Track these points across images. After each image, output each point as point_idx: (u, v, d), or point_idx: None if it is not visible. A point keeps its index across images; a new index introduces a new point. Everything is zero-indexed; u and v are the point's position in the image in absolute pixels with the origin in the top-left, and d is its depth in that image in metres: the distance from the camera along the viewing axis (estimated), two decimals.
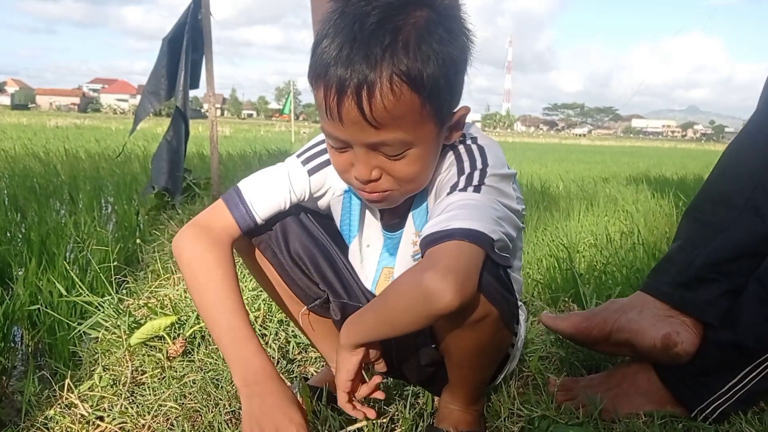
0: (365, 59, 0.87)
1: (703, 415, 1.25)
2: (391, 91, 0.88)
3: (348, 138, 0.95)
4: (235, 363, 1.03)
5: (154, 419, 1.29)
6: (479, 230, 0.90)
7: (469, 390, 1.16)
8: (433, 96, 0.91)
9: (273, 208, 1.13)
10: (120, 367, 1.54)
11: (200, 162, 6.75)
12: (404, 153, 0.95)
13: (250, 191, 1.12)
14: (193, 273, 1.08)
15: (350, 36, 0.88)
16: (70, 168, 5.65)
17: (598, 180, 6.94)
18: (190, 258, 1.09)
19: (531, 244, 2.88)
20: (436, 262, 0.88)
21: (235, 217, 1.11)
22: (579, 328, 1.35)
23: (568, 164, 11.76)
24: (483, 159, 1.01)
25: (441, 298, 0.85)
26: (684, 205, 4.04)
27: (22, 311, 2.05)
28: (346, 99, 0.89)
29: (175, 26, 4.08)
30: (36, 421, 1.31)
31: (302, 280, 1.19)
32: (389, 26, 0.88)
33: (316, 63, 0.92)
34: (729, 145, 1.37)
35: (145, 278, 2.36)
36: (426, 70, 0.89)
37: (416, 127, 0.93)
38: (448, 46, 0.91)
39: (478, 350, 1.03)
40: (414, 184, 1.03)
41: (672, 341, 1.23)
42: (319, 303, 1.22)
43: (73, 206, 3.76)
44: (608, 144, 46.88)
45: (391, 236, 1.16)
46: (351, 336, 1.01)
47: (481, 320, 0.96)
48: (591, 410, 1.28)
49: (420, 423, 1.22)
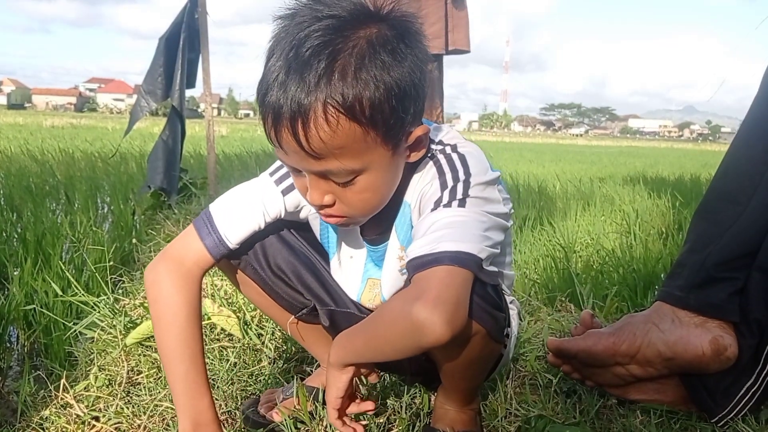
0: (299, 87, 0.84)
1: (724, 420, 1.22)
2: (326, 122, 0.84)
3: (294, 165, 0.93)
4: (184, 413, 1.03)
5: (150, 419, 1.29)
6: (467, 252, 0.88)
7: (463, 394, 1.16)
8: (376, 122, 0.87)
9: (246, 232, 1.10)
10: (116, 367, 1.53)
11: (197, 162, 6.74)
12: (354, 180, 0.92)
13: (221, 217, 1.08)
14: (158, 312, 1.07)
15: (287, 60, 0.85)
16: (66, 168, 5.64)
17: (594, 180, 6.95)
18: (156, 296, 1.07)
19: (528, 244, 2.89)
20: (425, 291, 0.86)
21: (207, 246, 1.08)
22: (606, 344, 1.27)
23: (565, 164, 11.77)
24: (465, 168, 0.97)
25: (431, 331, 0.84)
26: (681, 205, 4.05)
27: (18, 311, 2.05)
28: (283, 129, 0.86)
29: (172, 25, 4.07)
30: (31, 421, 1.30)
31: (286, 292, 1.18)
32: (326, 51, 0.84)
33: (260, 82, 0.89)
34: (732, 143, 1.35)
35: (141, 278, 2.35)
36: (365, 96, 0.85)
37: (362, 154, 0.89)
38: (391, 70, 0.86)
39: (468, 363, 1.03)
40: (369, 210, 0.99)
41: (721, 345, 1.20)
42: (306, 312, 1.21)
43: (69, 206, 3.75)
44: (605, 144, 46.94)
45: (375, 249, 1.14)
46: (340, 356, 1.00)
47: (469, 339, 0.96)
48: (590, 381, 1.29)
49: (417, 423, 1.22)
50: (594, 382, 1.33)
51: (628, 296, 2.06)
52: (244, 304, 1.80)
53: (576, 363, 1.33)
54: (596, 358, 1.29)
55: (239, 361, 1.53)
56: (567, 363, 1.34)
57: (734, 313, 1.21)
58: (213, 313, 1.67)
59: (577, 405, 1.31)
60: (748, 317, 1.20)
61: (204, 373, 1.06)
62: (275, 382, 1.45)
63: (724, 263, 1.22)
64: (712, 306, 1.23)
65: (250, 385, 1.43)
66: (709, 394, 1.24)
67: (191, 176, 4.51)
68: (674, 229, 3.35)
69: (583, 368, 1.33)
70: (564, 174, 8.16)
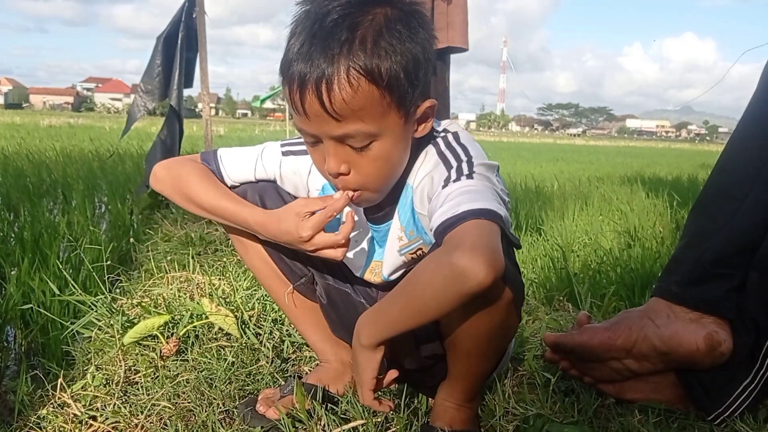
0: (323, 55, 0.91)
1: (720, 418, 1.22)
2: (349, 84, 0.92)
3: (315, 131, 0.98)
4: (248, 217, 1.15)
5: (148, 419, 1.29)
6: (489, 208, 0.92)
7: (470, 383, 1.14)
8: (392, 87, 0.94)
9: (241, 173, 1.21)
10: (113, 366, 1.53)
11: None
12: (370, 145, 0.98)
13: (225, 152, 1.22)
14: (174, 176, 1.19)
15: (311, 33, 0.93)
16: (63, 167, 5.63)
17: (592, 180, 6.96)
18: (164, 175, 1.20)
19: (526, 244, 2.89)
20: (461, 242, 0.88)
21: (207, 165, 1.21)
22: (602, 339, 1.28)
23: (563, 164, 11.79)
24: (465, 152, 1.03)
25: (474, 275, 0.85)
26: (678, 205, 4.06)
27: (15, 311, 2.04)
28: (308, 93, 0.93)
29: (170, 24, 4.07)
30: (28, 420, 1.30)
31: (288, 253, 1.22)
32: (347, 23, 0.92)
33: (283, 60, 0.97)
34: (729, 140, 1.35)
35: (138, 277, 2.35)
36: (383, 64, 0.92)
37: (379, 118, 0.96)
38: (407, 42, 0.94)
39: (490, 335, 1.02)
40: (382, 180, 1.04)
41: (716, 341, 1.20)
42: (304, 282, 1.26)
43: (66, 205, 3.75)
44: (603, 144, 47.06)
45: (378, 228, 1.17)
46: (373, 334, 0.98)
47: (497, 302, 0.96)
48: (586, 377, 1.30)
49: (414, 422, 1.22)
50: (591, 377, 1.33)
51: (625, 296, 2.06)
52: (241, 303, 1.80)
53: (573, 358, 1.33)
54: (592, 353, 1.30)
55: (237, 361, 1.52)
56: (564, 359, 1.34)
57: (729, 310, 1.22)
58: (211, 313, 1.67)
59: (576, 404, 1.31)
60: (744, 315, 1.21)
61: (238, 199, 1.18)
62: (273, 380, 1.45)
63: (721, 260, 1.22)
64: (708, 302, 1.23)
65: (248, 384, 1.43)
66: (705, 392, 1.24)
67: None
68: (672, 228, 3.36)
69: (580, 363, 1.33)
70: (562, 174, 8.18)
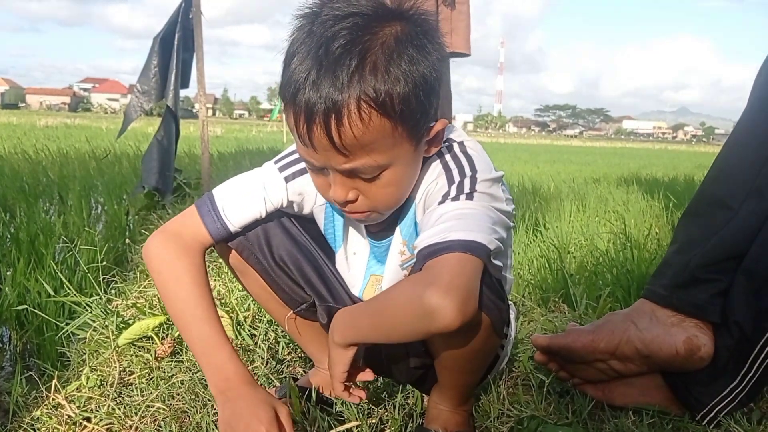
0: (332, 85, 0.85)
1: (706, 419, 1.23)
2: (360, 118, 0.86)
3: (321, 163, 0.94)
4: (209, 371, 1.05)
5: (142, 420, 1.28)
6: (478, 241, 0.89)
7: (459, 392, 1.15)
8: (405, 118, 0.89)
9: (248, 218, 1.11)
10: (108, 367, 1.53)
11: (191, 162, 6.72)
12: (380, 175, 0.94)
13: (223, 199, 1.10)
14: (162, 281, 1.08)
15: (317, 59, 0.86)
16: (59, 168, 5.61)
17: (589, 181, 6.96)
18: (159, 265, 1.08)
19: (522, 245, 2.88)
20: (437, 277, 0.86)
21: (207, 225, 1.09)
22: (585, 341, 1.29)
23: (560, 165, 11.79)
24: (471, 165, 1.00)
25: (443, 317, 0.83)
26: (674, 206, 4.06)
27: (10, 311, 2.04)
28: (315, 127, 0.87)
29: (166, 25, 4.07)
30: (23, 422, 1.29)
31: (287, 284, 1.18)
32: (356, 48, 0.85)
33: (286, 83, 0.90)
34: (723, 147, 1.36)
35: (134, 278, 2.35)
36: (395, 92, 0.87)
37: (389, 149, 0.91)
38: (419, 65, 0.89)
39: (469, 356, 1.03)
40: (393, 203, 1.02)
41: (695, 345, 1.21)
42: (305, 307, 1.21)
43: (62, 206, 3.73)
44: (599, 145, 47.10)
45: (378, 244, 1.15)
46: (345, 336, 0.99)
47: (473, 329, 0.96)
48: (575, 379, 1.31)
49: (409, 423, 1.22)
50: (579, 377, 1.34)
51: (621, 297, 2.06)
52: (237, 304, 1.80)
53: (560, 360, 1.33)
54: (576, 355, 1.31)
55: None
56: (552, 360, 1.34)
57: (715, 314, 1.23)
58: None
59: (570, 405, 1.31)
60: (728, 319, 1.21)
61: (220, 331, 1.06)
62: (268, 382, 1.45)
63: (709, 265, 1.23)
64: (694, 306, 1.24)
65: None
66: (689, 393, 1.26)
67: (185, 176, 4.50)
68: (668, 230, 3.36)
69: (567, 365, 1.34)
70: (558, 175, 8.18)
